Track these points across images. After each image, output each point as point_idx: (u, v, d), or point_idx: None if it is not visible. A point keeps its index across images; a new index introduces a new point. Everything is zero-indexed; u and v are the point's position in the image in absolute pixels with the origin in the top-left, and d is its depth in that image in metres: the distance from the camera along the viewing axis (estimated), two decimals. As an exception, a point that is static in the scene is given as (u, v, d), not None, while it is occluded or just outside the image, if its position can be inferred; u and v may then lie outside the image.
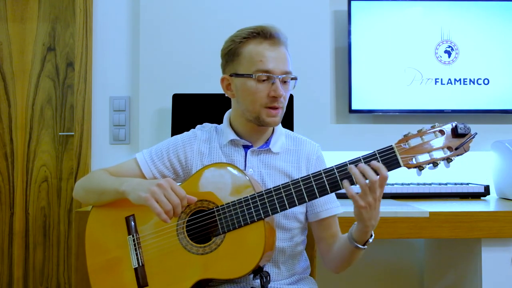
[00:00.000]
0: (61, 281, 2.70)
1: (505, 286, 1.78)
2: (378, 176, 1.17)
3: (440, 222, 1.74)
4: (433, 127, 1.20)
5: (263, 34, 1.33)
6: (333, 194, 1.40)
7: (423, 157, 1.19)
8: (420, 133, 1.19)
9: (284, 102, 1.37)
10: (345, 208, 1.79)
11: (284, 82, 1.35)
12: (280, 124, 1.45)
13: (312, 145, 1.46)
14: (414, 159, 1.19)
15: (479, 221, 1.74)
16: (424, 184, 2.23)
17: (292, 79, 1.36)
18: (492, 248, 1.78)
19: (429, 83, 2.48)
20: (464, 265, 1.94)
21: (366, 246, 1.29)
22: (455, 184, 2.23)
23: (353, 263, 1.37)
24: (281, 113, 1.37)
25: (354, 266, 1.39)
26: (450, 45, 2.49)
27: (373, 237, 1.29)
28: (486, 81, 2.49)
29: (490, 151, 2.30)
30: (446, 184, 2.23)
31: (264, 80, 1.32)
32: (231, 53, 1.36)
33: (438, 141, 1.19)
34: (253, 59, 1.33)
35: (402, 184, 2.22)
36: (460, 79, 2.48)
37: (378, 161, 1.19)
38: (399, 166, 1.19)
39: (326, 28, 2.49)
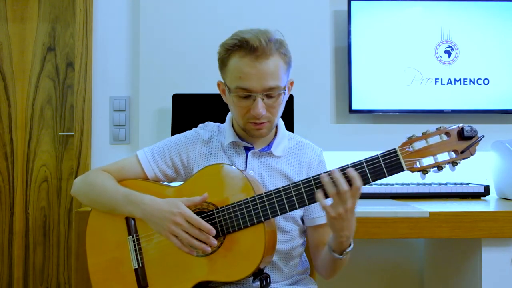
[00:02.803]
0: (61, 281, 2.70)
1: (505, 286, 1.78)
2: (349, 186, 1.15)
3: (440, 222, 1.74)
4: (438, 129, 1.16)
5: (246, 47, 1.25)
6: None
7: (427, 161, 1.15)
8: (425, 136, 1.16)
9: (270, 115, 1.31)
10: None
11: (269, 97, 1.29)
12: (283, 127, 1.44)
13: (315, 150, 1.44)
14: (418, 163, 1.16)
15: (479, 221, 1.74)
16: (424, 184, 2.23)
17: (280, 93, 1.29)
18: (492, 248, 1.77)
19: (429, 83, 2.48)
20: (464, 265, 1.94)
21: (343, 256, 1.26)
22: (455, 184, 2.23)
23: (339, 270, 1.36)
24: (267, 125, 1.33)
25: (354, 266, 1.40)
26: (450, 45, 2.49)
27: (351, 246, 1.27)
28: (486, 81, 2.49)
29: (490, 151, 2.30)
30: (446, 184, 2.23)
31: (245, 97, 1.28)
32: (220, 61, 1.33)
33: (444, 144, 1.15)
34: (234, 74, 1.28)
35: (402, 184, 2.22)
36: (460, 79, 2.48)
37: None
38: (403, 170, 1.16)
39: (326, 28, 2.49)
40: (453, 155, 1.16)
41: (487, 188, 2.17)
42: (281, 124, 1.45)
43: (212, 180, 1.30)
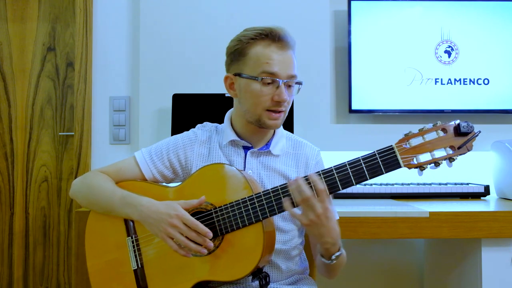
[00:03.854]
0: (61, 281, 2.70)
1: (505, 286, 1.78)
2: (312, 192, 1.15)
3: (440, 222, 1.74)
4: (435, 125, 1.17)
5: (271, 36, 1.31)
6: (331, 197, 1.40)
7: (424, 157, 1.16)
8: (422, 132, 1.17)
9: (287, 107, 1.35)
10: (346, 208, 1.80)
11: (288, 86, 1.33)
12: (281, 126, 1.45)
13: (312, 149, 1.45)
14: (415, 159, 1.16)
15: (479, 221, 1.74)
16: (424, 184, 2.23)
17: (297, 83, 1.35)
18: (492, 248, 1.77)
19: (429, 83, 2.48)
20: (464, 265, 1.93)
21: (331, 261, 1.26)
22: (455, 184, 2.23)
23: (338, 271, 1.35)
24: (283, 116, 1.35)
25: (354, 266, 1.39)
26: (450, 45, 2.48)
27: (340, 252, 1.26)
28: (486, 81, 2.49)
29: (490, 151, 2.30)
30: (446, 184, 2.23)
31: (269, 83, 1.31)
32: (237, 53, 1.34)
33: (440, 140, 1.15)
34: (259, 61, 1.30)
35: (402, 184, 2.22)
36: (460, 79, 2.48)
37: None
38: (400, 166, 1.17)
39: (326, 28, 2.49)
40: (450, 151, 1.16)
41: (487, 188, 2.17)
42: None
43: (210, 180, 1.30)
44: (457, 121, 1.16)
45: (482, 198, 2.18)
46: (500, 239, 1.76)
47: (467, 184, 2.22)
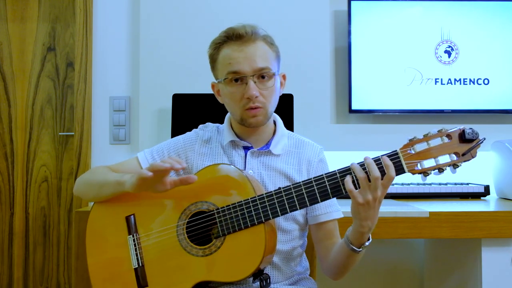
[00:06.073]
0: (61, 281, 2.70)
1: (505, 286, 1.78)
2: (381, 174, 1.14)
3: (440, 222, 1.74)
4: (439, 131, 1.16)
5: (231, 36, 1.31)
6: (334, 198, 1.40)
7: (428, 163, 1.16)
8: (426, 138, 1.16)
9: (264, 101, 1.33)
10: (346, 208, 1.79)
11: (262, 77, 1.32)
12: (282, 125, 1.44)
13: (314, 148, 1.44)
14: (419, 165, 1.16)
15: (479, 221, 1.74)
16: (424, 184, 2.23)
17: (271, 75, 1.31)
18: (492, 248, 1.78)
19: (429, 83, 2.48)
20: (464, 265, 1.94)
21: (362, 250, 1.25)
22: (455, 184, 2.23)
23: (350, 269, 1.34)
24: (262, 111, 1.33)
25: (354, 266, 1.39)
26: (450, 45, 2.49)
27: (370, 240, 1.26)
28: (486, 81, 2.49)
29: (490, 151, 2.30)
30: (446, 184, 2.23)
31: (236, 82, 1.31)
32: (211, 60, 1.39)
33: (445, 146, 1.15)
34: (224, 63, 1.32)
35: (402, 184, 2.22)
36: (460, 79, 2.48)
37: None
38: (404, 172, 1.17)
39: (326, 28, 2.49)
40: (454, 157, 1.16)
41: (487, 188, 2.17)
42: (279, 122, 1.45)
43: (213, 180, 1.30)
44: (462, 127, 1.16)
45: (482, 198, 2.18)
46: (500, 239, 1.77)
47: (467, 184, 2.23)
